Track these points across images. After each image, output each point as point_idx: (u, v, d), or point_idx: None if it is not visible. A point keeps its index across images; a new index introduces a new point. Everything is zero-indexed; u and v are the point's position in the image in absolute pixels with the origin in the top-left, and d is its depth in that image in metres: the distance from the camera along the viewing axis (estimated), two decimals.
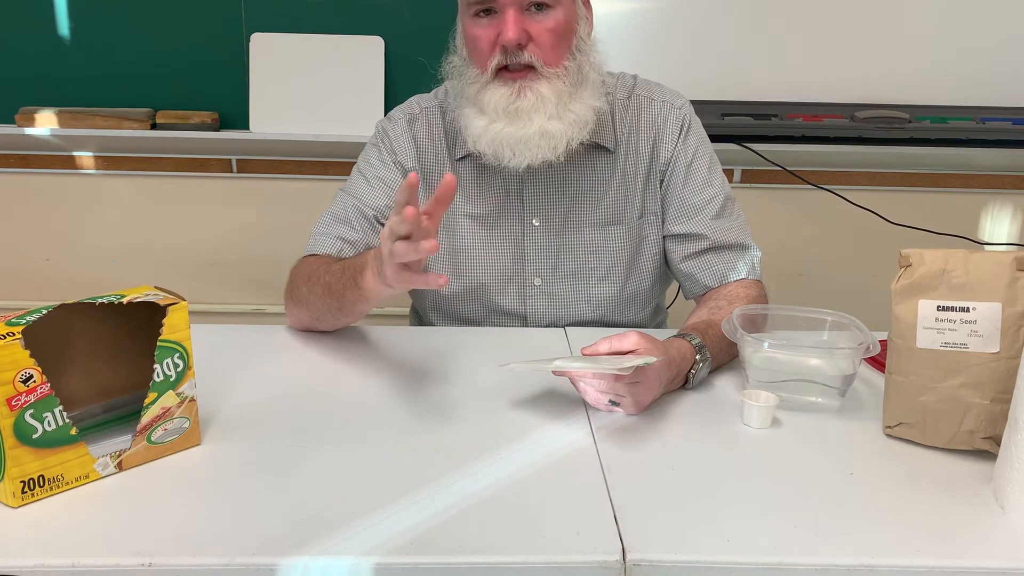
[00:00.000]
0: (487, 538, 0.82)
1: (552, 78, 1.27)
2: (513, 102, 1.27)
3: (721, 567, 0.80)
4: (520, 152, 1.28)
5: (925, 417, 1.00)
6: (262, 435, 1.01)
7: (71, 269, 2.41)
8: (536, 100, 1.26)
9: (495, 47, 1.26)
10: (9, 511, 0.85)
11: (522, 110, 1.27)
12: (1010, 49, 2.22)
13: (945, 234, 2.25)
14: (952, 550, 0.83)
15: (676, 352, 1.13)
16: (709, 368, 1.18)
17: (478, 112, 1.29)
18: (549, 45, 1.26)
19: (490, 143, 1.29)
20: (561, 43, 1.27)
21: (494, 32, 1.25)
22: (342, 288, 1.19)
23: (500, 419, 1.07)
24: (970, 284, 0.97)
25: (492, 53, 1.26)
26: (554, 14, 1.26)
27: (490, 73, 1.27)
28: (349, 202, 1.37)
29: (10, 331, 0.82)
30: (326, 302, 1.23)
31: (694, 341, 1.17)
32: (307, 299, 1.27)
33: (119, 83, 2.22)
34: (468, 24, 1.28)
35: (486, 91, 1.28)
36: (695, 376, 1.15)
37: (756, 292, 1.34)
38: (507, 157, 1.29)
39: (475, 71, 1.29)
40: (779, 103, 2.22)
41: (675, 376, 1.13)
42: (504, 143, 1.28)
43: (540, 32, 1.25)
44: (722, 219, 1.39)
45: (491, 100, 1.27)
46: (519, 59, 1.26)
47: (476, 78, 1.29)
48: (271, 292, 2.37)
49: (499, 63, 1.26)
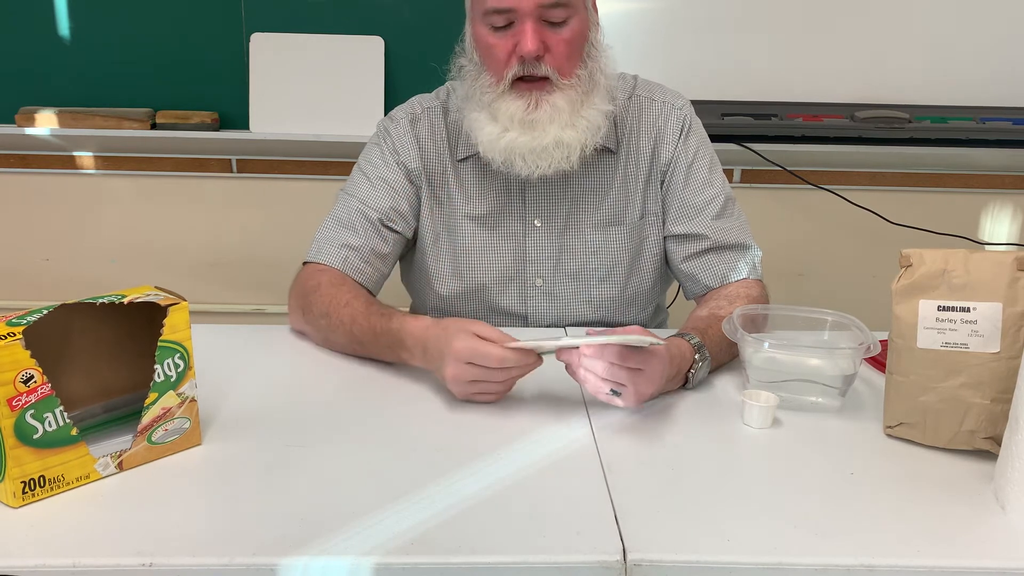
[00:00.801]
0: (487, 538, 0.82)
1: (566, 89, 1.27)
2: (528, 113, 1.27)
3: (721, 567, 0.80)
4: (533, 162, 1.29)
5: (925, 417, 1.00)
6: (262, 435, 1.01)
7: (71, 269, 2.41)
8: (551, 111, 1.27)
9: (512, 57, 1.25)
10: (10, 511, 0.85)
11: (537, 121, 1.27)
12: (1010, 49, 2.22)
13: (945, 234, 2.25)
14: (952, 550, 0.83)
15: (676, 351, 1.13)
16: (708, 368, 1.18)
17: (490, 118, 1.29)
18: (565, 56, 1.26)
19: (502, 151, 1.29)
20: (576, 53, 1.28)
21: (511, 42, 1.25)
22: (374, 347, 1.20)
23: (500, 419, 1.07)
24: (970, 284, 0.97)
25: (508, 63, 1.26)
26: (570, 25, 1.26)
27: (507, 83, 1.27)
28: (352, 204, 1.37)
29: (11, 331, 0.82)
30: (349, 346, 1.24)
31: (693, 340, 1.17)
32: (325, 332, 1.26)
33: (119, 83, 2.22)
34: (483, 32, 1.27)
35: (501, 100, 1.28)
36: (694, 375, 1.15)
37: (757, 292, 1.34)
38: (519, 166, 1.29)
39: (489, 79, 1.29)
40: (779, 103, 2.22)
41: (675, 374, 1.13)
42: (517, 152, 1.28)
43: (557, 43, 1.25)
44: (723, 219, 1.39)
45: (507, 110, 1.27)
46: (536, 70, 1.25)
47: (491, 87, 1.28)
48: (271, 292, 2.37)
49: (516, 74, 1.26)
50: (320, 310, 1.27)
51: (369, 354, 1.22)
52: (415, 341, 1.14)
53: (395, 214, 1.38)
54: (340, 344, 1.26)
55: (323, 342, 1.29)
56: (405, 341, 1.15)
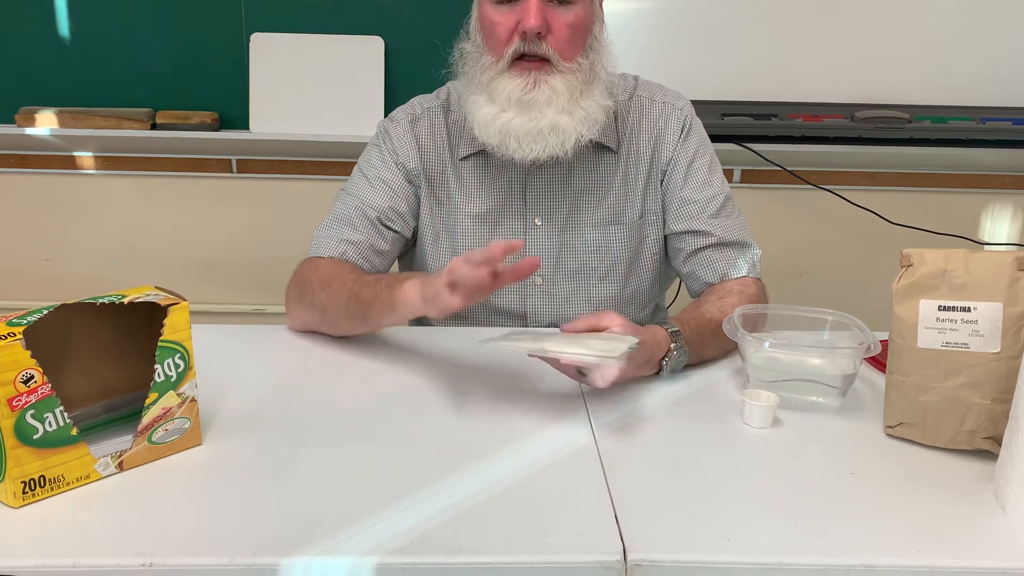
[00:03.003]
0: (487, 538, 0.82)
1: (566, 73, 1.27)
2: (526, 93, 1.26)
3: (721, 567, 0.80)
4: (527, 144, 1.28)
5: (926, 417, 1.00)
6: (262, 435, 1.01)
7: (71, 269, 2.41)
8: (549, 93, 1.26)
9: (513, 34, 1.25)
10: (10, 511, 0.85)
11: (535, 102, 1.26)
12: (1010, 49, 2.22)
13: (945, 234, 2.25)
14: (952, 550, 0.83)
15: (650, 337, 1.14)
16: (686, 357, 1.18)
17: (487, 100, 1.29)
18: (567, 39, 1.26)
19: (497, 132, 1.28)
20: (578, 39, 1.28)
21: (514, 19, 1.25)
22: (372, 296, 1.20)
23: (500, 419, 1.07)
24: (971, 284, 0.97)
25: (510, 40, 1.26)
26: (574, 9, 1.26)
27: (506, 61, 1.26)
28: (351, 203, 1.37)
29: (11, 331, 0.82)
30: (349, 308, 1.23)
31: (671, 329, 1.18)
32: (324, 304, 1.26)
33: (119, 83, 2.22)
34: (487, 10, 1.27)
35: (500, 79, 1.27)
36: (668, 363, 1.16)
37: (753, 290, 1.34)
38: (512, 148, 1.28)
39: (490, 58, 1.28)
40: (779, 103, 2.22)
41: (647, 360, 1.14)
42: (511, 134, 1.28)
43: (560, 25, 1.25)
44: (722, 218, 1.39)
45: (504, 88, 1.27)
46: (537, 49, 1.25)
47: (491, 65, 1.28)
48: (271, 292, 2.37)
49: (517, 51, 1.26)
50: (321, 283, 1.27)
51: (367, 313, 1.21)
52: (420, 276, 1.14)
53: (394, 214, 1.38)
54: (339, 311, 1.25)
55: (321, 321, 1.28)
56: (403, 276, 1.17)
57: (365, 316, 1.22)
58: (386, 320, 1.21)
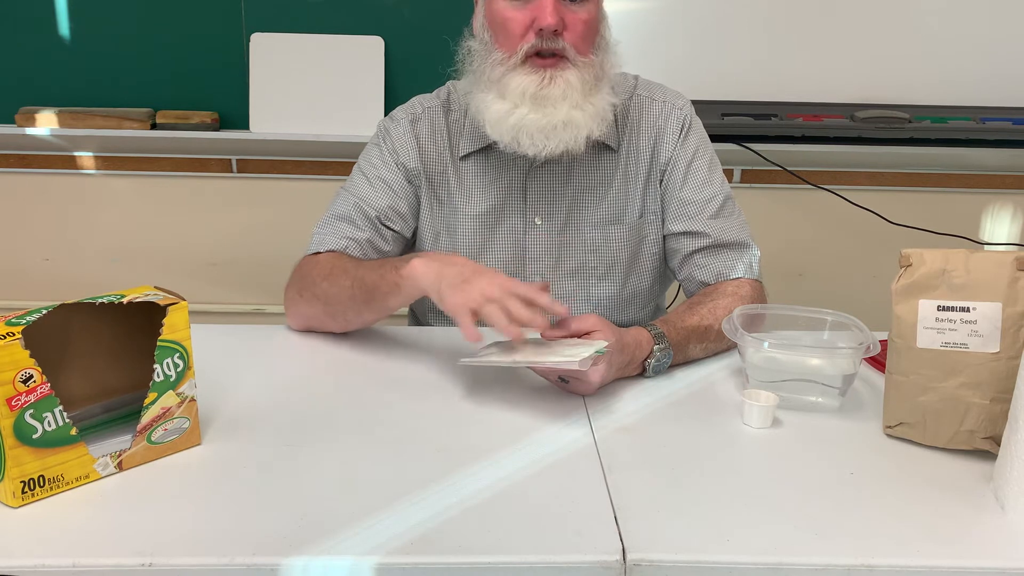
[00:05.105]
0: (487, 538, 0.82)
1: (581, 67, 1.27)
2: (542, 88, 1.26)
3: (721, 567, 0.80)
4: (541, 141, 1.27)
5: (925, 417, 1.00)
6: (262, 435, 1.01)
7: (71, 269, 2.41)
8: (564, 87, 1.26)
9: (528, 31, 1.25)
10: (9, 511, 0.85)
11: (550, 97, 1.26)
12: (1010, 49, 2.22)
13: (945, 234, 2.25)
14: (952, 550, 0.83)
15: (631, 339, 1.15)
16: (670, 358, 1.19)
17: (497, 96, 1.28)
18: (581, 35, 1.26)
19: (510, 129, 1.28)
20: (591, 34, 1.28)
21: (528, 16, 1.25)
22: (377, 278, 1.20)
23: (500, 419, 1.07)
24: (970, 284, 0.97)
25: (524, 37, 1.26)
26: (587, 6, 1.26)
27: (519, 57, 1.26)
28: (351, 201, 1.37)
29: (10, 331, 0.82)
30: (352, 295, 1.23)
31: (654, 331, 1.18)
32: (327, 292, 1.26)
33: (119, 83, 2.22)
34: (500, 6, 1.27)
35: (513, 75, 1.27)
36: (651, 364, 1.16)
37: (746, 291, 1.34)
38: (526, 145, 1.28)
39: (500, 54, 1.28)
40: (779, 103, 2.22)
41: (628, 362, 1.15)
42: (525, 131, 1.27)
43: (575, 21, 1.26)
44: (721, 218, 1.39)
45: (518, 84, 1.26)
46: (553, 45, 1.25)
47: (502, 61, 1.27)
48: (271, 292, 2.37)
49: (532, 47, 1.25)
50: (321, 274, 1.27)
51: (372, 296, 1.21)
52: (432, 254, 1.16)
53: (393, 213, 1.38)
54: (342, 299, 1.25)
55: (323, 313, 1.28)
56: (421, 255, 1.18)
57: (369, 299, 1.22)
58: (392, 302, 1.21)
